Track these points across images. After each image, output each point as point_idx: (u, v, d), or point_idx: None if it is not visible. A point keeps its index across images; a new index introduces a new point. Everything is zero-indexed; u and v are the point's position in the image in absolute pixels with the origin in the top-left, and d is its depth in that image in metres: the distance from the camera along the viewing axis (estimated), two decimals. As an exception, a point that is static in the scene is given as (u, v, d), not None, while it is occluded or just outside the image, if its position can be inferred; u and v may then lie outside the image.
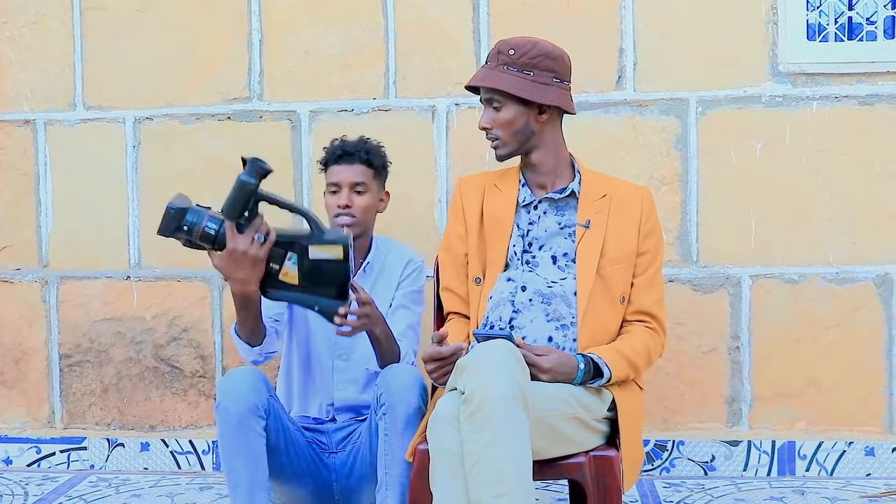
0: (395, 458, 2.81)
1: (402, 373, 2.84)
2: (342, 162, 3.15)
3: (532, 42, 2.83)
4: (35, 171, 3.94)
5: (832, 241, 3.65)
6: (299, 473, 3.04)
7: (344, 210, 3.11)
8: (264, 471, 2.86)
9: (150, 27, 3.85)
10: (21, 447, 3.97)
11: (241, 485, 2.84)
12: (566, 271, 2.82)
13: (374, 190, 3.17)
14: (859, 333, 3.65)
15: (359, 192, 3.13)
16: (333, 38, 3.78)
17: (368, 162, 3.15)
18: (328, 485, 3.09)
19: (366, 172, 3.14)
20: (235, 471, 2.85)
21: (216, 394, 2.88)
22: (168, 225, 2.70)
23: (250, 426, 2.82)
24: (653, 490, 3.57)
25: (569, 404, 2.62)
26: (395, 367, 2.89)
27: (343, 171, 3.14)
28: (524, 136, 2.85)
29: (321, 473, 3.08)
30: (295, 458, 3.01)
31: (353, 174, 3.13)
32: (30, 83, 3.93)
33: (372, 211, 3.17)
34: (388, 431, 2.81)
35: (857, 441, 3.66)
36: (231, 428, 2.82)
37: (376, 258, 3.20)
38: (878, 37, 3.64)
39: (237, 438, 2.82)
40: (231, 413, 2.81)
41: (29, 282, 3.97)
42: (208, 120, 3.84)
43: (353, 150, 3.15)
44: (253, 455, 2.84)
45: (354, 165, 3.13)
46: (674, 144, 3.68)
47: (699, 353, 3.69)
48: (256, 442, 2.84)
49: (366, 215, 3.14)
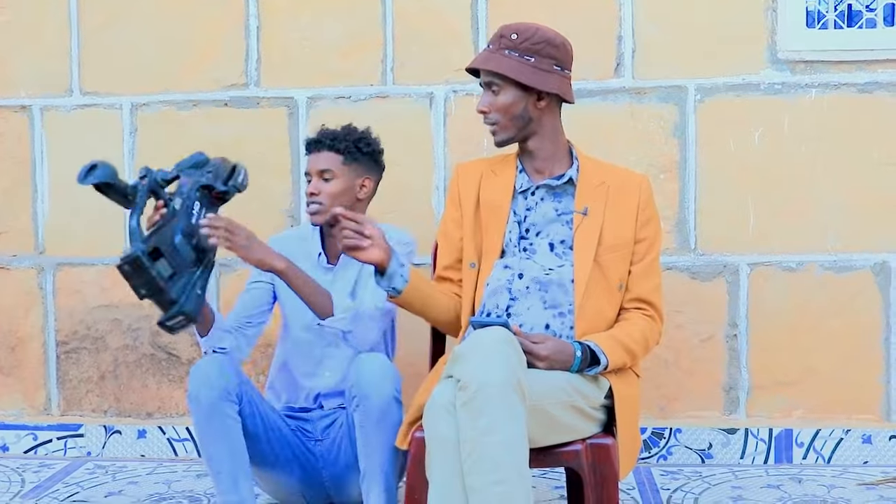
0: (373, 448, 2.82)
1: (373, 363, 2.83)
2: (311, 150, 3.17)
3: (535, 28, 2.82)
4: (31, 158, 3.93)
5: (830, 229, 3.64)
6: (283, 460, 3.04)
7: (310, 198, 3.12)
8: (244, 456, 2.87)
9: (147, 13, 3.84)
10: (18, 434, 3.97)
11: (223, 471, 2.85)
12: (563, 258, 2.82)
13: (345, 176, 3.13)
14: (857, 321, 3.65)
15: (326, 179, 3.12)
16: (331, 24, 3.77)
17: (335, 148, 3.13)
18: (317, 472, 3.10)
19: (332, 159, 3.12)
20: (215, 458, 2.86)
21: (187, 384, 2.88)
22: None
23: (223, 411, 2.83)
24: (650, 478, 3.57)
25: (565, 392, 2.62)
26: (367, 357, 2.87)
27: (311, 160, 3.16)
28: (522, 122, 2.84)
29: (308, 461, 3.08)
30: (277, 444, 3.01)
31: (318, 161, 3.13)
32: (26, 69, 3.92)
33: (343, 197, 3.12)
34: (364, 423, 2.81)
35: (855, 429, 3.66)
36: (204, 415, 2.83)
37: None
38: (878, 24, 3.63)
39: (212, 425, 2.83)
40: (202, 400, 2.82)
41: (25, 268, 3.97)
42: (205, 106, 3.83)
43: (321, 138, 3.16)
44: (230, 440, 2.85)
45: (322, 153, 3.13)
46: (672, 132, 3.67)
47: (697, 340, 3.69)
48: (232, 427, 2.85)
49: (333, 202, 3.10)
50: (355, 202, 3.16)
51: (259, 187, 3.52)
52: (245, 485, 2.86)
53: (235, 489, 2.86)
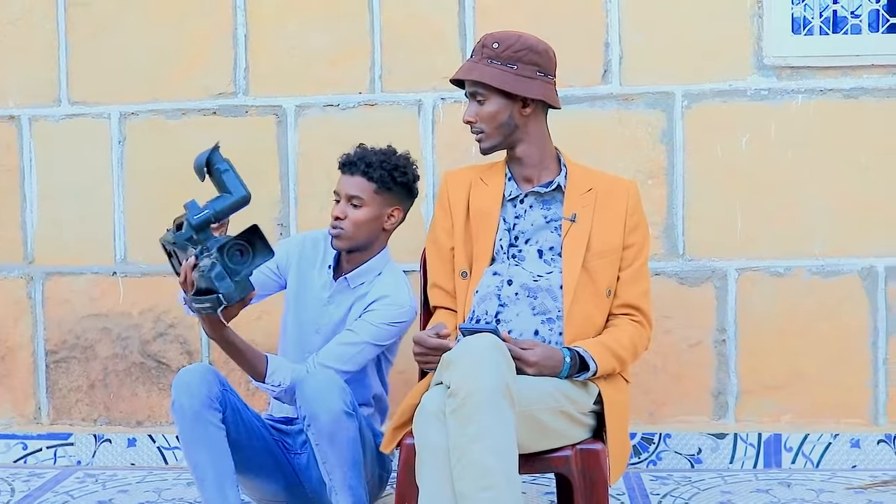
0: (332, 464, 2.83)
1: (317, 381, 2.83)
2: (344, 171, 3.09)
3: (516, 36, 2.83)
4: (20, 167, 3.93)
5: (818, 233, 3.66)
6: (268, 468, 3.04)
7: (336, 221, 3.06)
8: (229, 463, 2.87)
9: (135, 22, 3.84)
10: (7, 443, 3.96)
11: (208, 479, 2.86)
12: (552, 265, 2.83)
13: (374, 205, 3.05)
14: (845, 326, 3.67)
15: (354, 205, 3.05)
16: (319, 32, 3.77)
17: (369, 176, 3.04)
18: (299, 484, 3.10)
19: (363, 186, 3.04)
20: (200, 466, 2.86)
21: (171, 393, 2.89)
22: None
23: (207, 419, 2.83)
24: (640, 483, 3.58)
25: (555, 398, 2.62)
26: (310, 377, 2.86)
27: (343, 181, 3.08)
28: (508, 130, 2.85)
29: (290, 471, 3.08)
30: (261, 452, 3.02)
31: (350, 186, 3.05)
32: (14, 78, 3.92)
33: (368, 227, 3.06)
34: (318, 441, 2.82)
35: (843, 433, 3.68)
36: (188, 422, 2.83)
37: (358, 276, 3.13)
38: (863, 30, 3.66)
39: (196, 432, 2.84)
40: (185, 408, 2.83)
41: (14, 278, 3.96)
42: (194, 115, 3.83)
43: (356, 161, 3.06)
44: (215, 448, 2.85)
45: (354, 177, 3.05)
46: (660, 138, 3.68)
47: (685, 346, 3.70)
48: (216, 434, 2.85)
49: (357, 230, 3.05)
50: (381, 232, 3.11)
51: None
52: (231, 492, 2.86)
53: (221, 496, 2.85)
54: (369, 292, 3.10)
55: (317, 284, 3.16)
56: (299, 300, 3.17)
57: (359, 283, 3.13)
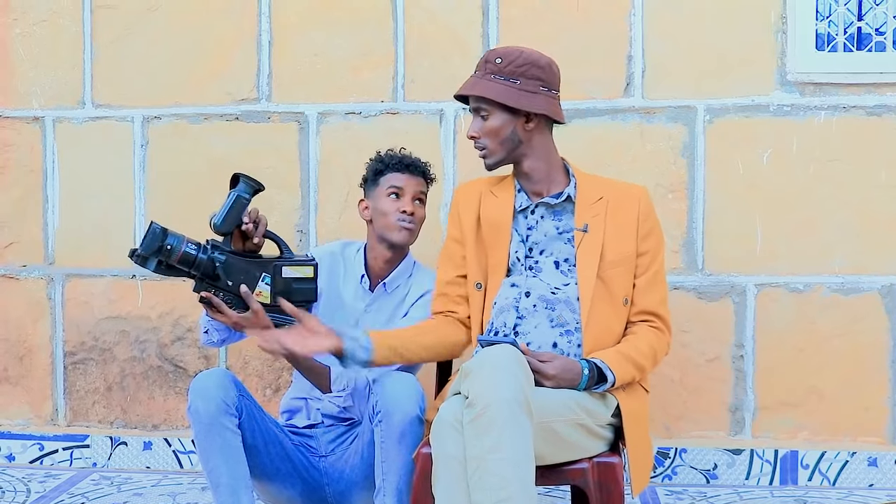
0: (391, 465, 2.82)
1: (399, 381, 2.83)
2: (406, 172, 3.17)
3: (519, 51, 2.83)
4: (43, 169, 3.95)
5: (838, 250, 3.65)
6: (284, 473, 3.05)
7: (407, 216, 3.13)
8: (244, 469, 2.88)
9: (160, 26, 3.86)
10: (24, 444, 3.98)
11: (222, 483, 2.86)
12: (568, 276, 2.82)
13: (425, 205, 3.22)
14: (863, 343, 3.65)
15: (420, 202, 3.17)
16: (342, 40, 3.79)
17: (426, 177, 3.20)
18: (320, 487, 3.10)
19: (424, 186, 3.19)
20: (215, 471, 2.86)
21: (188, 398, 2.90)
22: (150, 244, 2.78)
23: (223, 424, 2.84)
24: (655, 497, 3.57)
25: (573, 410, 2.62)
26: (393, 375, 2.88)
27: (409, 180, 3.16)
28: (512, 145, 2.85)
29: (311, 476, 3.09)
30: (277, 457, 3.02)
31: (418, 185, 3.17)
32: (39, 80, 3.94)
33: (421, 226, 3.21)
34: (385, 439, 2.81)
35: (860, 451, 3.66)
36: (204, 427, 2.84)
37: (394, 280, 3.20)
38: (888, 47, 3.64)
39: (212, 437, 2.85)
40: (202, 412, 2.83)
41: (34, 279, 3.98)
42: (216, 120, 3.85)
43: (418, 164, 3.19)
44: (230, 453, 2.86)
45: (418, 177, 3.17)
46: (681, 152, 3.68)
47: (703, 360, 3.69)
48: (232, 440, 2.86)
49: (419, 228, 3.17)
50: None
51: (269, 202, 3.54)
52: (245, 497, 2.87)
53: (235, 501, 2.86)
54: (409, 292, 3.18)
55: (348, 297, 3.18)
56: (333, 317, 3.18)
57: (395, 286, 3.19)
